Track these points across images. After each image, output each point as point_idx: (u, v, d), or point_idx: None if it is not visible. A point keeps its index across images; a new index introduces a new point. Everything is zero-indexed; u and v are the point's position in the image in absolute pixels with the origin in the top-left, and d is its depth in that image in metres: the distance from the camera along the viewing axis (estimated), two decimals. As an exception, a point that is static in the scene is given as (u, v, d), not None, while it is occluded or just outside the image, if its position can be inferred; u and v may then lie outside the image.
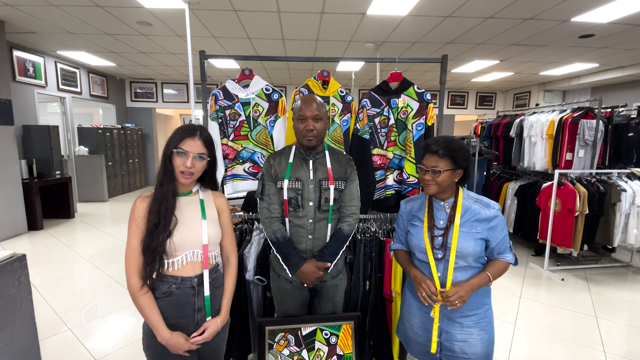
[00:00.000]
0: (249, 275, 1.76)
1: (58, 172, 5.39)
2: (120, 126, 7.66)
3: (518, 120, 4.47)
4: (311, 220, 1.45)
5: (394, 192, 2.04)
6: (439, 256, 1.25)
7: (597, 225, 3.44)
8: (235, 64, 6.35)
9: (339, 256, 1.48)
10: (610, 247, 3.78)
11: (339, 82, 2.12)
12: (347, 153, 1.93)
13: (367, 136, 1.94)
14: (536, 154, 4.14)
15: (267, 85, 2.00)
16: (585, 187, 3.37)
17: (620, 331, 2.55)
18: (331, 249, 1.46)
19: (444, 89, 2.02)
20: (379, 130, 1.97)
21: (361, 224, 1.92)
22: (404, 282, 1.71)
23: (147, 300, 1.12)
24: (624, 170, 3.62)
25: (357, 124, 1.95)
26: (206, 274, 1.19)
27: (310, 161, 1.47)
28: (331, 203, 1.45)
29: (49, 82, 5.80)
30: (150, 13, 3.85)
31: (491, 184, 4.62)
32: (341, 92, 2.02)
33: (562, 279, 3.42)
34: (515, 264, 1.30)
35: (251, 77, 1.99)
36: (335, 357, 1.53)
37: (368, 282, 1.81)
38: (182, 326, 1.17)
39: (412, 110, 1.93)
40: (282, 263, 1.46)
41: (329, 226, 1.48)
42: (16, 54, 5.07)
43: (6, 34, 4.47)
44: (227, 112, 1.95)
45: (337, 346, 1.54)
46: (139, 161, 8.39)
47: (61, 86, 6.10)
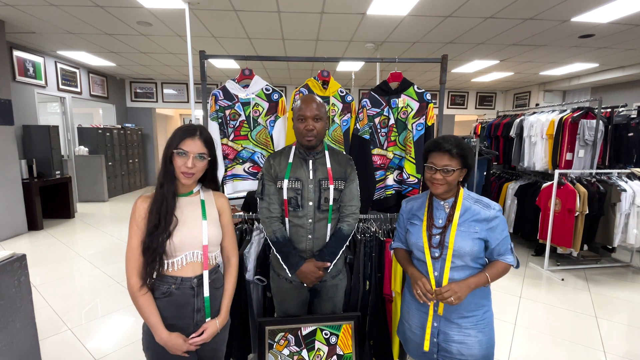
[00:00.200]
0: (249, 275, 1.76)
1: (58, 172, 5.39)
2: (120, 126, 7.66)
3: (518, 120, 4.46)
4: (311, 220, 1.45)
5: (394, 192, 2.04)
6: (436, 255, 1.25)
7: (597, 225, 3.44)
8: (235, 64, 6.35)
9: (338, 256, 1.48)
10: (610, 247, 3.78)
11: (339, 82, 2.12)
12: (347, 153, 1.93)
13: (367, 136, 1.94)
14: (536, 154, 4.14)
15: (267, 85, 2.00)
16: (585, 187, 3.37)
17: (620, 331, 2.55)
18: (331, 248, 1.46)
19: (444, 89, 2.02)
20: (379, 130, 1.97)
21: (361, 224, 1.92)
22: (404, 282, 1.71)
23: (146, 300, 1.12)
24: (624, 170, 3.62)
25: (357, 124, 1.95)
26: (206, 274, 1.19)
27: (310, 161, 1.47)
28: (331, 203, 1.45)
29: (49, 82, 5.80)
30: (150, 13, 3.85)
31: (491, 184, 4.62)
32: (341, 92, 2.02)
33: (562, 279, 3.42)
34: (517, 266, 1.28)
35: (251, 77, 1.99)
36: (335, 357, 1.53)
37: (368, 282, 1.81)
38: (182, 327, 1.17)
39: (412, 110, 1.93)
40: (281, 263, 1.46)
41: (329, 226, 1.48)
42: (16, 54, 5.07)
43: (6, 34, 4.47)
44: (227, 112, 1.95)
45: (337, 346, 1.54)
46: (139, 161, 8.39)
47: (61, 86, 6.10)
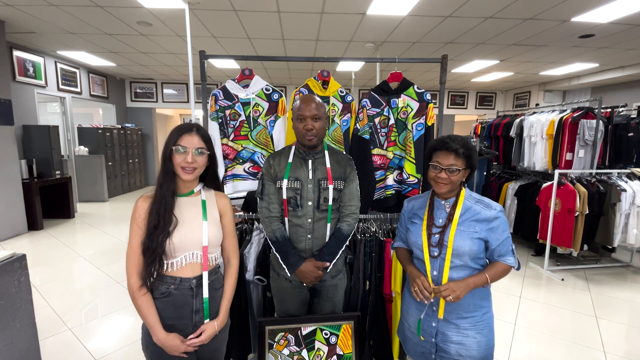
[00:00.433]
0: (249, 275, 1.77)
1: (58, 172, 5.39)
2: (120, 126, 7.66)
3: (518, 120, 4.46)
4: (310, 220, 1.45)
5: (394, 192, 2.04)
6: (435, 254, 1.25)
7: (597, 225, 3.44)
8: (235, 64, 6.35)
9: (338, 256, 1.48)
10: (610, 247, 3.78)
11: (339, 82, 2.12)
12: (347, 153, 1.93)
13: (367, 136, 1.94)
14: (536, 154, 4.14)
15: (267, 85, 2.00)
16: (585, 187, 3.37)
17: (620, 331, 2.55)
18: (330, 248, 1.46)
19: (444, 89, 2.02)
20: (379, 130, 1.97)
21: (361, 224, 1.92)
22: (404, 282, 1.71)
23: (145, 300, 1.12)
24: (624, 170, 3.61)
25: (357, 124, 1.95)
26: (205, 275, 1.19)
27: (309, 161, 1.47)
28: (330, 203, 1.45)
29: (49, 82, 5.80)
30: (150, 13, 3.85)
31: (491, 184, 4.62)
32: (341, 92, 2.02)
33: (562, 279, 3.42)
34: (518, 268, 1.27)
35: (251, 77, 1.99)
36: (335, 356, 1.53)
37: (368, 282, 1.81)
38: (180, 327, 1.17)
39: (412, 110, 1.93)
40: (281, 262, 1.46)
41: (328, 226, 1.48)
42: (16, 54, 5.07)
43: (6, 34, 4.47)
44: (227, 112, 1.95)
45: (337, 346, 1.54)
46: (139, 161, 8.39)
47: (61, 86, 6.10)
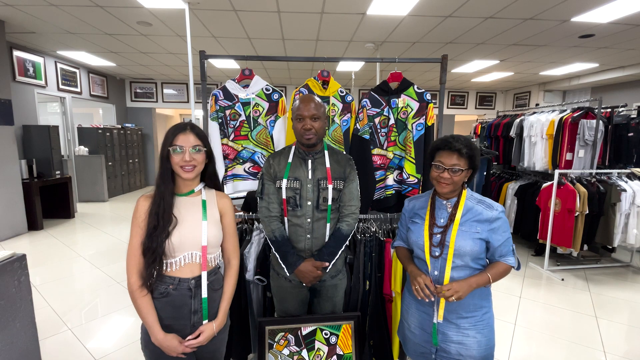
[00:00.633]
0: (249, 275, 1.76)
1: (58, 172, 5.38)
2: (120, 126, 7.66)
3: (518, 120, 4.46)
4: (309, 220, 1.45)
5: (394, 192, 2.04)
6: (436, 254, 1.25)
7: (597, 225, 3.44)
8: (235, 64, 6.35)
9: (337, 256, 1.48)
10: (610, 247, 3.78)
11: (339, 82, 2.12)
12: (347, 153, 1.93)
13: (367, 136, 1.94)
14: (536, 154, 4.14)
15: (267, 85, 2.00)
16: (585, 187, 3.37)
17: (620, 331, 2.55)
18: (330, 248, 1.46)
19: (444, 89, 2.02)
20: (379, 130, 1.97)
21: (361, 224, 1.92)
22: (404, 282, 1.71)
23: (144, 300, 1.12)
24: (624, 170, 3.61)
25: (357, 124, 1.95)
26: (204, 275, 1.18)
27: (309, 161, 1.47)
28: (329, 203, 1.45)
29: (49, 82, 5.80)
30: (150, 13, 3.85)
31: (491, 184, 4.62)
32: (341, 92, 2.02)
33: (562, 279, 3.42)
34: (518, 268, 1.28)
35: (251, 77, 1.99)
36: (335, 357, 1.53)
37: (368, 282, 1.81)
38: (178, 328, 1.16)
39: (412, 110, 1.93)
40: (280, 262, 1.46)
41: (328, 226, 1.48)
42: (16, 54, 5.07)
43: (6, 34, 4.47)
44: (227, 112, 1.95)
45: (337, 346, 1.54)
46: (139, 161, 8.39)
47: (61, 86, 6.09)
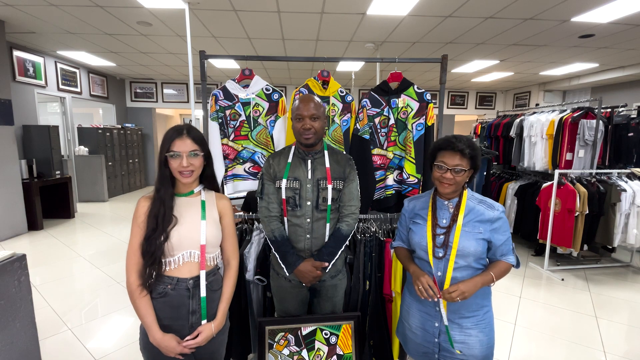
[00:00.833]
0: (249, 275, 1.76)
1: (58, 172, 5.38)
2: (120, 126, 7.66)
3: (518, 120, 4.46)
4: (309, 220, 1.45)
5: (394, 192, 2.04)
6: (440, 255, 1.25)
7: (597, 225, 3.44)
8: (235, 64, 6.35)
9: (337, 256, 1.48)
10: (610, 247, 3.78)
11: (339, 82, 2.12)
12: (347, 153, 1.93)
13: (367, 136, 1.94)
14: (536, 154, 4.14)
15: (267, 85, 2.00)
16: (585, 187, 3.37)
17: (620, 331, 2.55)
18: (329, 248, 1.46)
19: (444, 89, 2.02)
20: (379, 130, 1.97)
21: (361, 224, 1.92)
22: (404, 282, 1.71)
23: (143, 300, 1.12)
24: (624, 170, 3.61)
25: (357, 124, 1.95)
26: (202, 275, 1.18)
27: (308, 161, 1.47)
28: (329, 203, 1.45)
29: (49, 82, 5.80)
30: (150, 13, 3.85)
31: (491, 184, 4.62)
32: (341, 92, 2.02)
33: (562, 279, 3.42)
34: (517, 266, 1.29)
35: (251, 77, 1.99)
36: (335, 357, 1.53)
37: (368, 282, 1.81)
38: (177, 328, 1.16)
39: (412, 110, 1.93)
40: (280, 262, 1.47)
41: (328, 226, 1.48)
42: (16, 54, 5.07)
43: (6, 34, 4.47)
44: (228, 112, 1.95)
45: (337, 346, 1.54)
46: (139, 161, 8.39)
47: (61, 86, 6.09)
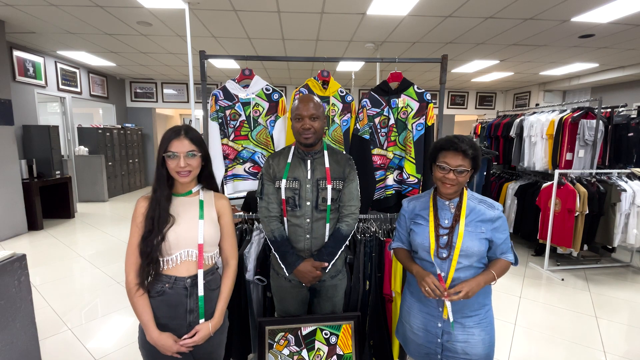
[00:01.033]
0: (249, 275, 1.76)
1: (58, 172, 5.38)
2: (120, 126, 7.66)
3: (518, 120, 4.46)
4: (309, 220, 1.45)
5: (394, 192, 2.04)
6: (444, 255, 1.25)
7: (597, 225, 3.44)
8: (235, 64, 6.35)
9: (337, 256, 1.48)
10: (610, 247, 3.78)
11: (339, 82, 2.12)
12: (347, 153, 1.93)
13: (367, 136, 1.94)
14: (536, 154, 4.14)
15: (267, 85, 2.00)
16: (585, 187, 3.37)
17: (620, 331, 2.55)
18: (329, 248, 1.46)
19: (444, 89, 2.02)
20: (379, 130, 1.97)
21: (361, 224, 1.92)
22: (404, 282, 1.71)
23: (141, 299, 1.13)
24: (624, 170, 3.61)
25: (357, 124, 1.95)
26: (200, 274, 1.18)
27: (308, 161, 1.47)
28: (329, 203, 1.45)
29: (49, 82, 5.80)
30: (150, 13, 3.85)
31: (491, 184, 4.62)
32: (341, 92, 2.02)
33: (562, 279, 3.42)
34: (516, 263, 1.30)
35: (251, 77, 1.99)
36: (335, 357, 1.53)
37: (368, 282, 1.81)
38: (174, 327, 1.16)
39: (412, 110, 1.93)
40: (279, 262, 1.47)
41: (327, 226, 1.48)
42: (16, 54, 5.07)
43: (6, 34, 4.47)
44: (228, 112, 1.95)
45: (337, 346, 1.54)
46: (139, 161, 8.39)
47: (61, 86, 6.10)
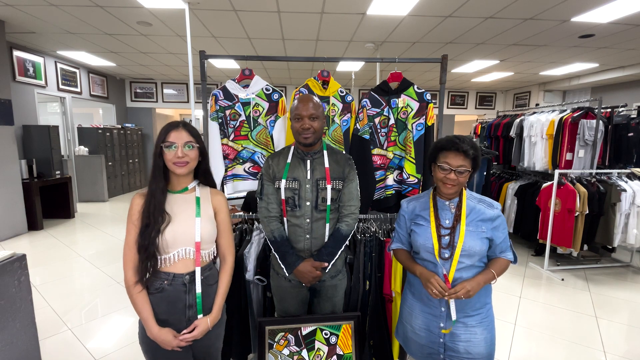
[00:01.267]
0: (249, 275, 1.76)
1: (58, 172, 5.38)
2: (120, 126, 7.66)
3: (518, 120, 4.46)
4: (308, 220, 1.45)
5: (394, 192, 2.04)
6: (446, 255, 1.25)
7: (597, 225, 3.44)
8: (235, 64, 6.35)
9: (337, 256, 1.48)
10: (610, 247, 3.78)
11: (339, 82, 2.12)
12: (347, 153, 1.93)
13: (367, 136, 1.94)
14: (536, 154, 4.14)
15: (267, 85, 2.00)
16: (585, 187, 3.37)
17: (620, 331, 2.55)
18: (329, 248, 1.46)
19: (444, 89, 2.02)
20: (379, 130, 1.97)
21: (361, 224, 1.92)
22: (404, 282, 1.70)
23: (140, 295, 1.14)
24: (624, 170, 3.61)
25: (357, 124, 1.95)
26: (198, 271, 1.20)
27: (308, 161, 1.47)
28: (328, 203, 1.45)
29: (49, 82, 5.80)
30: (150, 13, 3.85)
31: (491, 184, 4.62)
32: (341, 92, 2.02)
33: (562, 279, 3.42)
34: (515, 262, 1.31)
35: (251, 77, 1.99)
36: (335, 357, 1.53)
37: (368, 282, 1.81)
38: (174, 322, 1.18)
39: (412, 110, 1.93)
40: (279, 262, 1.47)
41: (327, 226, 1.47)
42: (16, 54, 5.07)
43: (6, 34, 4.47)
44: (227, 112, 1.95)
45: (337, 346, 1.54)
46: (139, 161, 8.39)
47: (61, 86, 6.09)
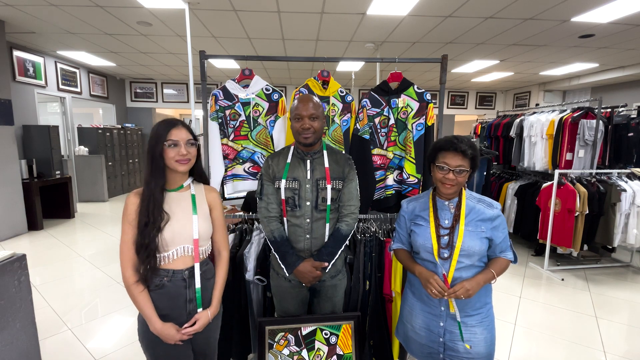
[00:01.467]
0: (249, 275, 1.76)
1: (58, 172, 5.38)
2: (120, 126, 7.66)
3: (518, 120, 4.46)
4: (308, 220, 1.45)
5: (394, 192, 2.04)
6: (445, 255, 1.25)
7: (597, 225, 3.44)
8: (235, 64, 6.35)
9: (337, 256, 1.48)
10: (610, 247, 3.78)
11: (339, 82, 2.12)
12: (347, 153, 1.93)
13: (367, 136, 1.94)
14: (536, 154, 4.14)
15: (267, 85, 2.00)
16: (585, 187, 3.37)
17: (620, 331, 2.55)
18: (329, 248, 1.46)
19: (444, 89, 2.02)
20: (379, 130, 1.97)
21: (361, 224, 1.92)
22: (404, 282, 1.71)
23: (141, 294, 1.16)
24: (624, 170, 3.61)
25: (357, 124, 1.95)
26: (197, 267, 1.23)
27: (307, 161, 1.47)
28: (328, 202, 1.45)
29: (49, 82, 5.80)
30: (150, 13, 3.85)
31: (491, 184, 4.62)
32: (341, 92, 2.02)
33: (562, 279, 3.42)
34: (515, 261, 1.31)
35: (251, 77, 1.99)
36: (335, 357, 1.53)
37: (368, 282, 1.81)
38: (175, 317, 1.21)
39: (412, 110, 1.93)
40: (279, 262, 1.47)
41: (327, 226, 1.47)
42: (16, 54, 5.07)
43: (6, 34, 4.47)
44: (227, 112, 1.95)
45: (337, 346, 1.54)
46: (139, 161, 8.38)
47: (61, 86, 6.10)
